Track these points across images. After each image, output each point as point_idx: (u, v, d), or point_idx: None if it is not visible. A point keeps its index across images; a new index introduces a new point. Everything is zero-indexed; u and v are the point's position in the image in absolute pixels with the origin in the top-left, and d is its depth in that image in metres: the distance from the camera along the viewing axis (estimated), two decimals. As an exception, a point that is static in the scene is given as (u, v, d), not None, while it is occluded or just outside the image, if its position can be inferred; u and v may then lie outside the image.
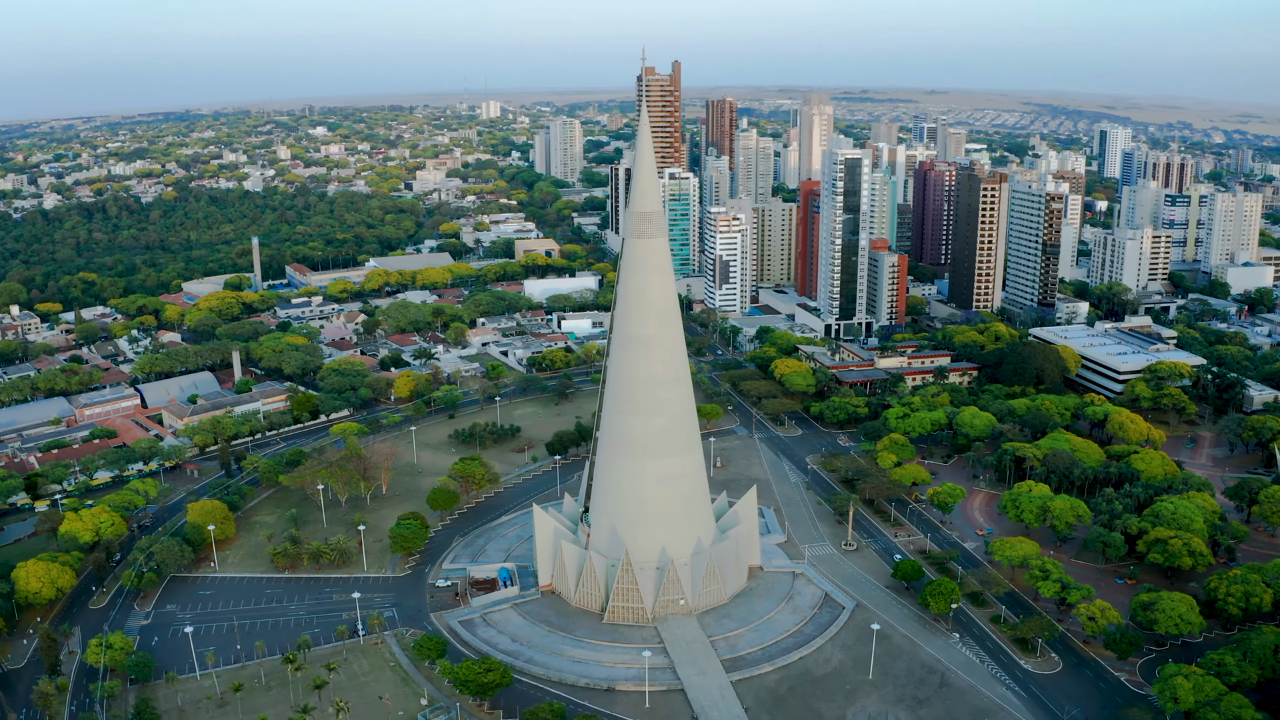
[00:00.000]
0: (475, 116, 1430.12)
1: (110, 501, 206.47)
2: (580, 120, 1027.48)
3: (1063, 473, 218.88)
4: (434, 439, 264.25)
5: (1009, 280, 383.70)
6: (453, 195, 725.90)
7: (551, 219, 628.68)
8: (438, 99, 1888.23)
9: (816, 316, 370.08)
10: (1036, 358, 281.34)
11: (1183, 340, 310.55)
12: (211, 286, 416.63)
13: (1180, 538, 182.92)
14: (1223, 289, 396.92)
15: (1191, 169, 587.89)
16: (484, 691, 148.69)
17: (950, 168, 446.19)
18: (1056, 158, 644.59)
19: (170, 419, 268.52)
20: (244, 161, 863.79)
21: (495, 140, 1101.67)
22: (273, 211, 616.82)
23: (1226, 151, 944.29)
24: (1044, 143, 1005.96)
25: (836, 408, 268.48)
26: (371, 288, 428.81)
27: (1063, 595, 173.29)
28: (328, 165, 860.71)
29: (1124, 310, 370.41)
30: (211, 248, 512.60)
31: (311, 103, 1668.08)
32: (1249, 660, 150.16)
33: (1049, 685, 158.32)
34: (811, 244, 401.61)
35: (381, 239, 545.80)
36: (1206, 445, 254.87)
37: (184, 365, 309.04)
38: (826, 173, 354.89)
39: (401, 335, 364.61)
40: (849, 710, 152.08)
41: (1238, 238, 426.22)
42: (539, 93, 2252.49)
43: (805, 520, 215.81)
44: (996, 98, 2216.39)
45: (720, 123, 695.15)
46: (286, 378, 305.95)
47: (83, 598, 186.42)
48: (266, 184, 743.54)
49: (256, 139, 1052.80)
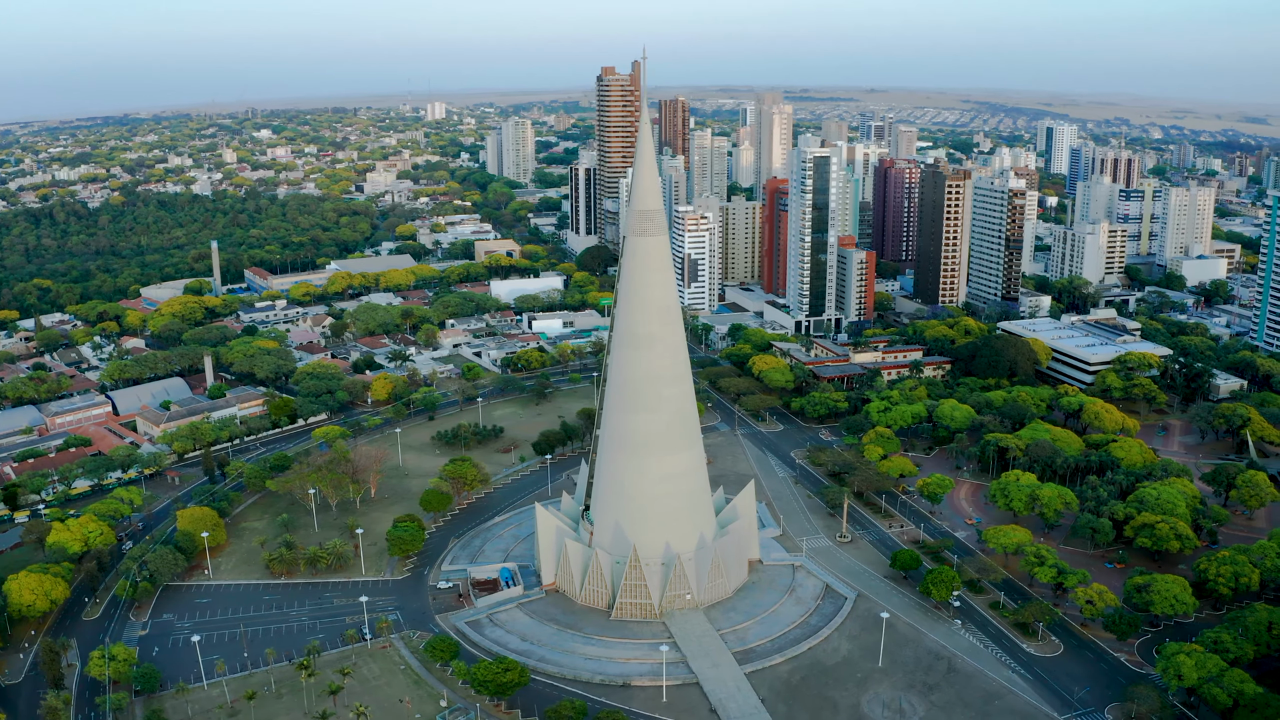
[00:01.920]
0: (420, 118, 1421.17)
1: (96, 510, 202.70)
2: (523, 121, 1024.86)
3: (1046, 462, 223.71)
4: (416, 441, 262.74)
5: (973, 275, 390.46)
6: (405, 197, 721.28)
7: (508, 220, 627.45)
8: (380, 100, 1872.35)
9: (786, 313, 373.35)
10: (1009, 351, 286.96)
11: (1147, 332, 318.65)
12: (171, 291, 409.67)
13: (1167, 522, 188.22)
14: (1179, 281, 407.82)
15: (1138, 165, 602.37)
16: (503, 691, 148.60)
17: (910, 165, 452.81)
18: (1009, 154, 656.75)
19: (145, 426, 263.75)
20: (190, 165, 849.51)
21: (443, 142, 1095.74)
22: (224, 215, 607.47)
23: (1166, 147, 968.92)
24: (989, 139, 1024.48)
25: (817, 403, 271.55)
26: (335, 290, 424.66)
27: (1059, 580, 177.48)
28: (276, 168, 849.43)
29: (1085, 303, 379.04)
30: (165, 252, 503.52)
31: (254, 105, 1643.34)
32: (1245, 637, 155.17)
33: (1052, 667, 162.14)
34: (778, 242, 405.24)
35: (338, 241, 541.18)
36: (1177, 433, 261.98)
37: (153, 371, 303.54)
38: (795, 171, 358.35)
39: (371, 338, 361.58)
40: (863, 698, 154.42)
41: (1191, 231, 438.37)
42: (481, 94, 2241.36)
43: (798, 514, 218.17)
44: (936, 96, 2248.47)
45: (673, 122, 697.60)
46: (259, 382, 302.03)
47: (75, 609, 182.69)
48: (215, 187, 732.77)
49: (201, 142, 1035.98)
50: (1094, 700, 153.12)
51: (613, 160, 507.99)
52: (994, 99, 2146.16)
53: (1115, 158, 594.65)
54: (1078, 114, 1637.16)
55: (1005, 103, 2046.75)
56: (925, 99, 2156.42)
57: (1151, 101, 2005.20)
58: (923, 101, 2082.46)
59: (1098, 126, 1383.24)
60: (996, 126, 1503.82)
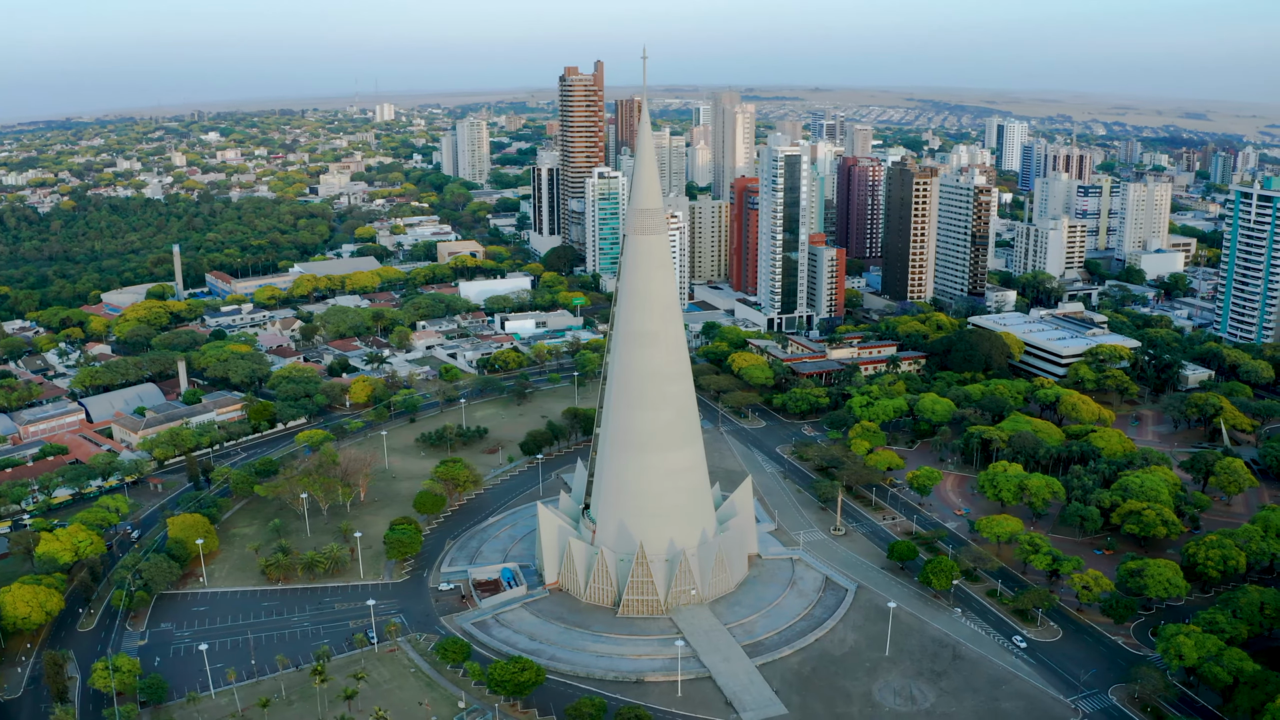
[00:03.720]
0: (369, 119, 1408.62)
1: (84, 519, 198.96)
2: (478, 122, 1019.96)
3: (1029, 453, 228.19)
4: (400, 443, 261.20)
5: (939, 271, 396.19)
6: (361, 199, 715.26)
7: (467, 221, 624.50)
8: (326, 102, 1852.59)
9: (757, 311, 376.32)
10: (984, 345, 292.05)
11: (1114, 325, 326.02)
12: (133, 296, 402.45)
13: (1153, 508, 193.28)
14: (1138, 275, 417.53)
15: (1090, 161, 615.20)
16: (520, 691, 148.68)
17: (874, 163, 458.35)
18: (965, 152, 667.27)
19: (121, 433, 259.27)
20: (139, 169, 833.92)
21: (394, 143, 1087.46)
22: (178, 219, 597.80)
23: (1112, 143, 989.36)
24: (937, 137, 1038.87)
25: (798, 399, 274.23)
26: (300, 294, 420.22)
27: (1054, 567, 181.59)
28: (227, 171, 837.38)
29: (1049, 298, 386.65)
30: (121, 257, 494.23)
31: (199, 108, 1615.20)
32: (1239, 617, 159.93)
33: (1053, 652, 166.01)
34: (746, 240, 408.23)
35: (297, 244, 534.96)
36: (1150, 423, 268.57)
37: (124, 377, 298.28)
38: (766, 170, 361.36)
39: (342, 341, 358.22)
40: (873, 686, 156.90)
41: (1149, 226, 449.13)
42: (427, 95, 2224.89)
43: (790, 508, 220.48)
44: (880, 94, 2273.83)
45: (630, 122, 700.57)
46: (233, 387, 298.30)
47: (69, 620, 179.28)
48: (166, 191, 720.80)
49: (148, 146, 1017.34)
50: (1097, 682, 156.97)
51: (576, 160, 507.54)
52: (937, 97, 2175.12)
53: (1068, 154, 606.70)
54: (1021, 111, 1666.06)
55: (949, 100, 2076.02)
56: (870, 97, 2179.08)
57: (1092, 98, 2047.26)
58: (867, 100, 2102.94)
59: (1041, 124, 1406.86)
60: (942, 124, 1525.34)
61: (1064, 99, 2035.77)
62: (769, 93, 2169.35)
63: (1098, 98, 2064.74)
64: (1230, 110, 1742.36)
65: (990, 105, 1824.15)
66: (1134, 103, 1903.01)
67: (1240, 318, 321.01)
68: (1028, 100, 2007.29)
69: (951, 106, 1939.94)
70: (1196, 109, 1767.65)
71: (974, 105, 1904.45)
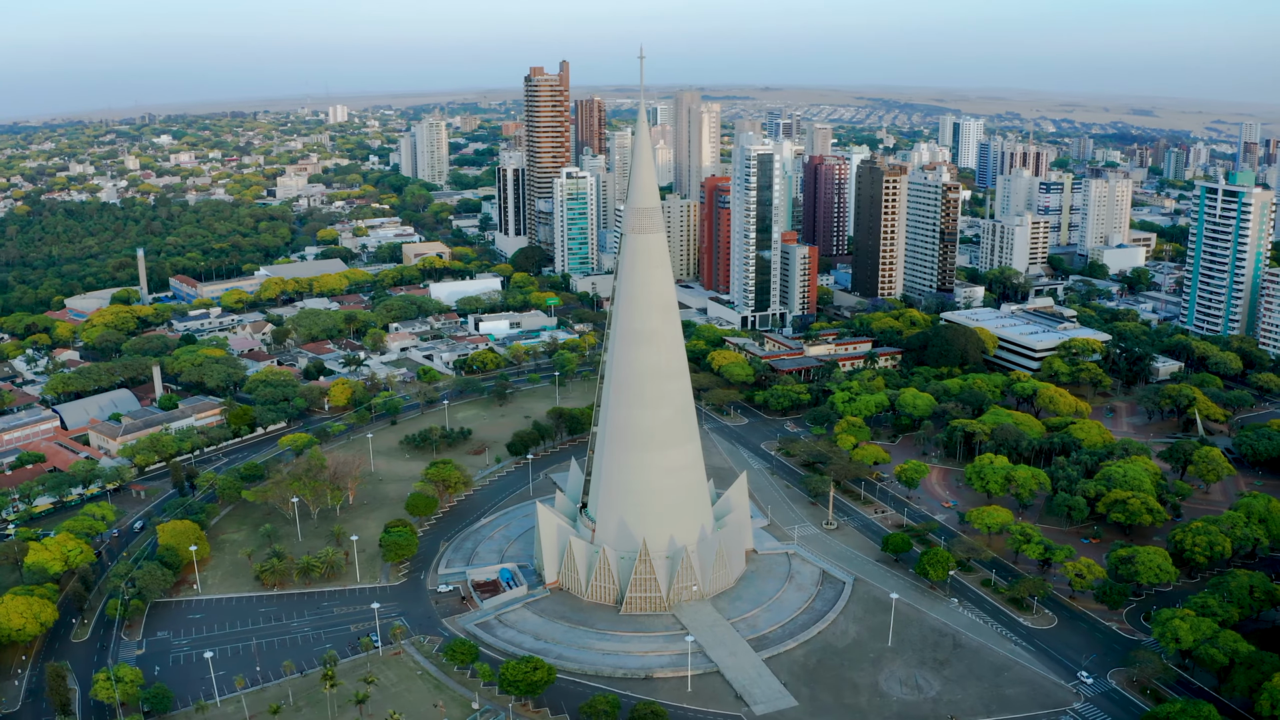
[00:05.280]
0: (322, 121, 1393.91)
1: (71, 528, 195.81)
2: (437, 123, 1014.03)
3: (1011, 445, 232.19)
4: (384, 446, 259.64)
5: (908, 268, 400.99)
6: (320, 201, 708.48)
7: (428, 222, 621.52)
8: (277, 104, 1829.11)
9: (731, 309, 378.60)
10: (960, 340, 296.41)
11: (1083, 319, 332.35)
12: (98, 302, 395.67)
13: (1138, 497, 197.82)
14: (1101, 270, 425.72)
15: (1047, 158, 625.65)
16: (533, 690, 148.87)
17: (840, 161, 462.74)
18: (926, 149, 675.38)
19: (99, 439, 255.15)
20: (93, 173, 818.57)
21: (350, 145, 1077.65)
22: (135, 223, 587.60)
23: (1063, 140, 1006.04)
24: (891, 135, 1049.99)
25: (780, 395, 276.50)
26: (268, 296, 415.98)
27: (1046, 556, 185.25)
28: (182, 174, 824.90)
29: (1016, 293, 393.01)
30: (81, 262, 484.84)
31: (150, 111, 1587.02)
32: (1230, 601, 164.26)
33: (1051, 638, 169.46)
34: (718, 239, 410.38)
35: (259, 247, 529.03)
36: (1124, 414, 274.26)
37: (97, 384, 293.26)
38: (739, 169, 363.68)
39: (314, 344, 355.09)
40: (879, 676, 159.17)
41: (1110, 221, 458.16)
42: (376, 96, 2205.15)
43: (780, 504, 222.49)
44: (830, 93, 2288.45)
45: (590, 122, 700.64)
46: (209, 391, 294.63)
47: (62, 631, 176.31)
48: (122, 195, 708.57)
49: (100, 149, 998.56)
50: (1095, 667, 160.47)
51: (543, 160, 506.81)
52: (886, 95, 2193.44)
53: (1025, 151, 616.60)
54: (969, 109, 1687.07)
55: (898, 99, 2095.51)
56: (820, 96, 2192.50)
57: (1040, 96, 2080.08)
58: (818, 99, 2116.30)
59: (990, 121, 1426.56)
60: (894, 122, 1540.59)
61: (1011, 97, 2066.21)
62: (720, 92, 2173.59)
63: (1045, 95, 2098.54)
64: (1176, 106, 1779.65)
65: (939, 103, 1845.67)
66: (1081, 100, 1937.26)
67: (1206, 310, 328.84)
68: (976, 98, 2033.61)
69: (901, 105, 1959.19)
70: (1143, 105, 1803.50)
71: (923, 103, 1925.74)
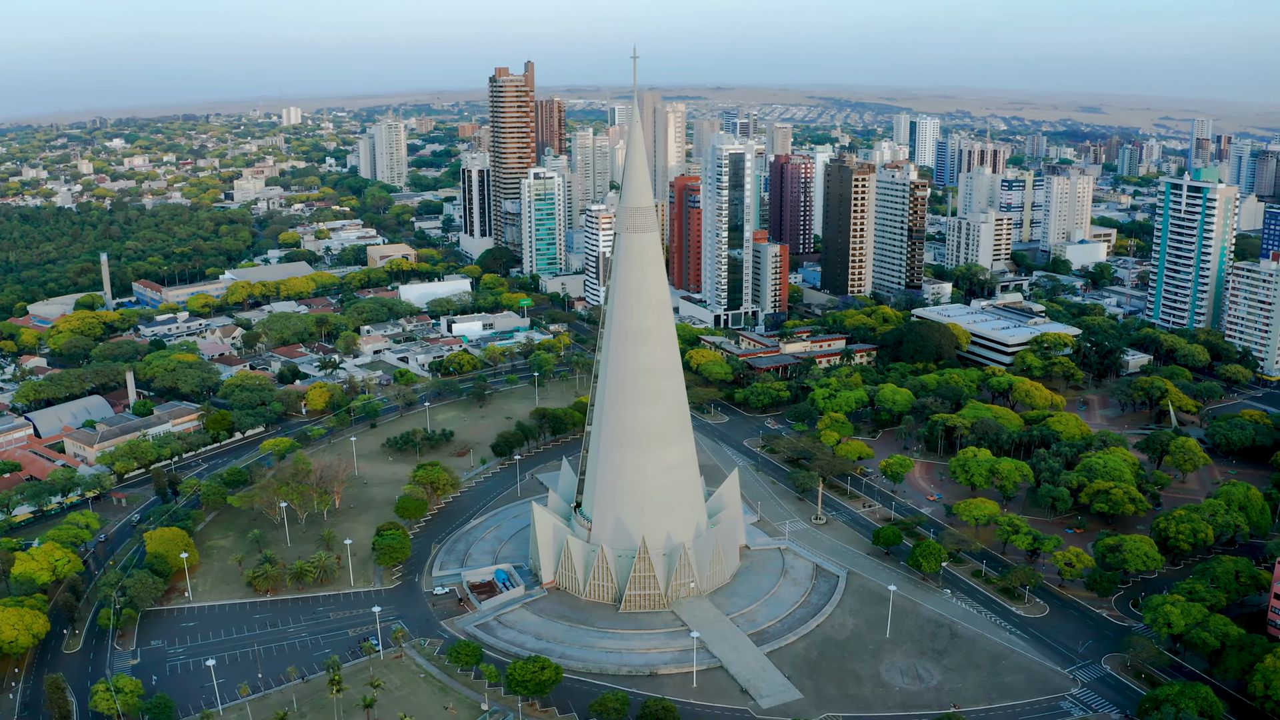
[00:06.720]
0: (276, 124, 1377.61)
1: (56, 537, 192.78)
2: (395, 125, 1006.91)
3: (991, 439, 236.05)
4: (366, 449, 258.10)
5: (877, 265, 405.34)
6: (279, 204, 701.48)
7: (390, 224, 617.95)
8: (228, 107, 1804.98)
9: (703, 308, 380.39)
10: (934, 336, 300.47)
11: (1051, 314, 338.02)
12: (61, 307, 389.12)
13: (1120, 487, 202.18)
14: (1064, 265, 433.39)
15: (1002, 156, 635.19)
16: (541, 690, 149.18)
17: (806, 160, 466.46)
18: (888, 148, 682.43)
19: (75, 447, 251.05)
20: (46, 178, 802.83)
21: (306, 147, 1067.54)
22: (93, 228, 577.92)
23: (1015, 137, 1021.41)
24: (845, 134, 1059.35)
25: (759, 393, 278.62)
26: (235, 300, 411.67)
27: (1035, 546, 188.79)
28: (137, 178, 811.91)
29: (983, 289, 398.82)
30: (40, 268, 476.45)
31: (100, 114, 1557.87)
32: (1217, 586, 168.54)
33: (1044, 626, 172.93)
34: (687, 238, 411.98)
35: (221, 251, 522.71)
36: (1097, 407, 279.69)
37: (69, 390, 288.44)
38: (710, 167, 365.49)
39: (286, 347, 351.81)
40: (880, 667, 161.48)
41: (1072, 217, 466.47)
42: (328, 98, 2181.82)
43: (768, 500, 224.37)
44: (781, 92, 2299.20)
45: (549, 123, 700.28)
46: (183, 397, 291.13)
47: (53, 642, 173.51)
48: (76, 199, 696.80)
49: (52, 154, 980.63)
50: (1091, 653, 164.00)
51: (509, 161, 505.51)
52: (838, 94, 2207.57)
53: (983, 149, 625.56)
54: (920, 107, 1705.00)
55: (849, 98, 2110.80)
56: (771, 95, 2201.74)
57: (989, 94, 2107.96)
58: (769, 98, 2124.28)
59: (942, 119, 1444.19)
60: (845, 120, 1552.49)
61: (961, 95, 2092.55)
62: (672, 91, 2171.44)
63: (994, 93, 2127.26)
64: (1124, 104, 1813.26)
65: (890, 102, 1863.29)
66: (1030, 98, 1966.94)
67: (1172, 304, 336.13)
68: (926, 97, 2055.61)
69: (853, 104, 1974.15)
70: (1092, 103, 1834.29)
71: (874, 102, 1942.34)
